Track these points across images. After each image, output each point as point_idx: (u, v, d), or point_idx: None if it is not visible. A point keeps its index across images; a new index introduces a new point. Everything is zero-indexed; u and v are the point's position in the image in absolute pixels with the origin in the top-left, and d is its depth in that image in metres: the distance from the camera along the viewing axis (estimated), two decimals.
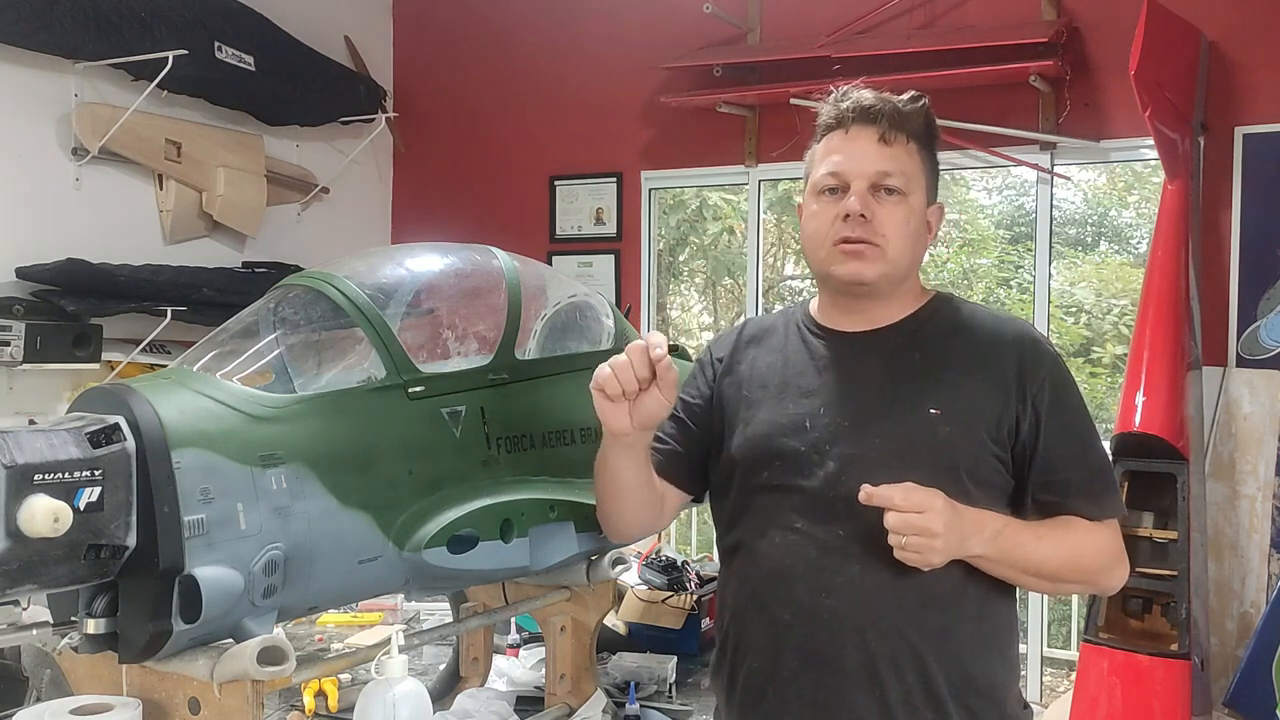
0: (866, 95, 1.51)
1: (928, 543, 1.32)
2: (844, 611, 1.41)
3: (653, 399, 1.42)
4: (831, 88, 1.56)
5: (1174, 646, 2.71)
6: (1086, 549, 1.46)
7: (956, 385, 1.45)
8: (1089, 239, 7.01)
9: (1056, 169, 3.56)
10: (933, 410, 1.42)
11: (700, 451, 1.61)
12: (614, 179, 4.27)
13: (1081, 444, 1.47)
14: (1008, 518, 1.42)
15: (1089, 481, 1.46)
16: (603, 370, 1.42)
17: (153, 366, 3.36)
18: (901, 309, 1.53)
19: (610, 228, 4.28)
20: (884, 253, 1.46)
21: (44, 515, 1.27)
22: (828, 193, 1.49)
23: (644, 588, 2.74)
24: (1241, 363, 3.19)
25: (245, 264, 3.96)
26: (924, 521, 1.31)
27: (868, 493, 1.34)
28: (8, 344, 3.06)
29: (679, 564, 2.78)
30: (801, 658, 1.43)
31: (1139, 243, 6.65)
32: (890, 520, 1.32)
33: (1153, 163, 3.79)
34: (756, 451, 1.51)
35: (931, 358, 1.48)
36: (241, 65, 3.71)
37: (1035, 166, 3.56)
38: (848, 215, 1.46)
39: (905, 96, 1.52)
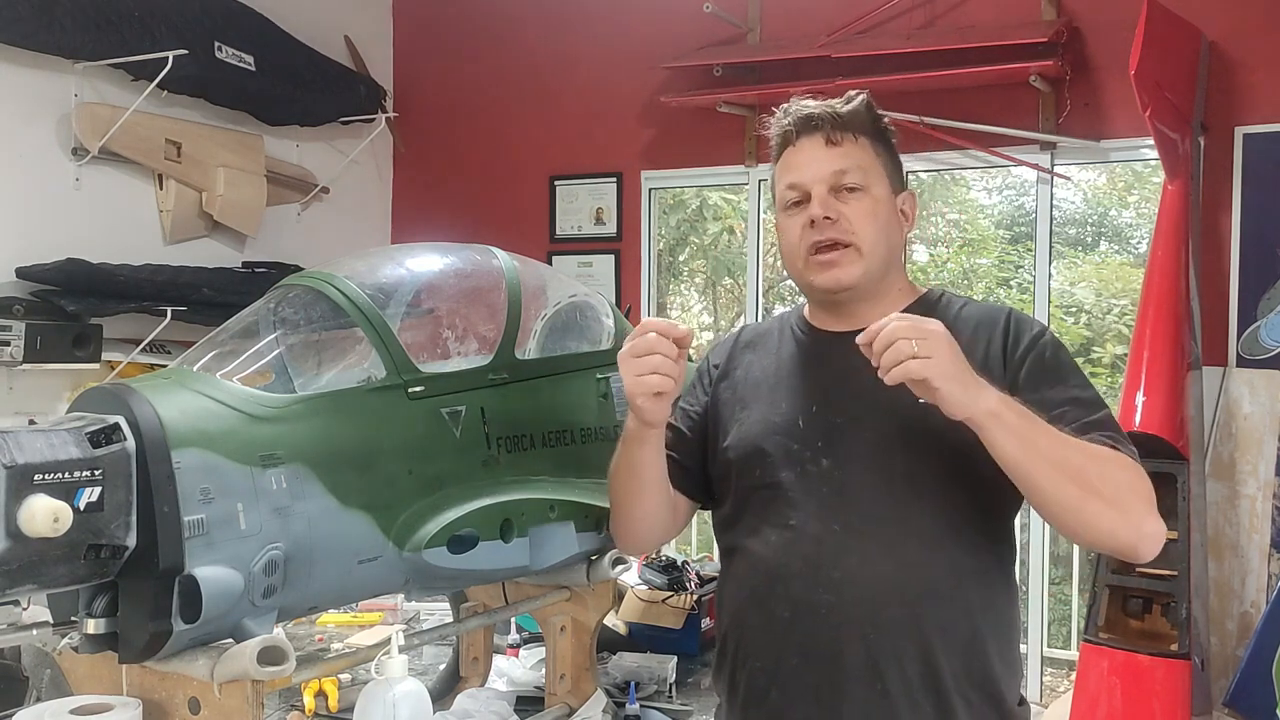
0: (806, 105, 1.54)
1: (934, 344, 1.26)
2: (843, 606, 1.41)
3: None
4: (774, 109, 1.58)
5: (1174, 646, 2.71)
6: (1119, 465, 1.34)
7: None
8: (1089, 239, 7.01)
9: (1056, 169, 3.56)
10: (923, 400, 1.42)
11: (702, 460, 1.61)
12: (614, 179, 4.27)
13: (1072, 390, 1.42)
14: None
15: (1094, 425, 1.39)
16: (649, 379, 1.38)
17: (153, 366, 3.36)
18: (889, 307, 1.52)
19: (610, 228, 4.28)
20: (858, 250, 1.48)
21: (44, 515, 1.27)
22: (793, 205, 1.52)
23: (644, 588, 2.74)
24: (1241, 363, 3.19)
25: (245, 264, 3.96)
26: (928, 329, 1.28)
27: (870, 331, 1.30)
28: (8, 344, 3.06)
29: (679, 564, 2.78)
30: (802, 654, 1.44)
31: (1139, 243, 6.65)
32: (893, 328, 1.28)
33: (1153, 163, 3.79)
34: (750, 450, 1.52)
35: None
36: (241, 65, 3.71)
37: (1035, 166, 3.56)
38: (813, 221, 1.47)
39: (842, 98, 1.54)
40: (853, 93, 1.54)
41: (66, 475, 1.31)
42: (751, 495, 1.51)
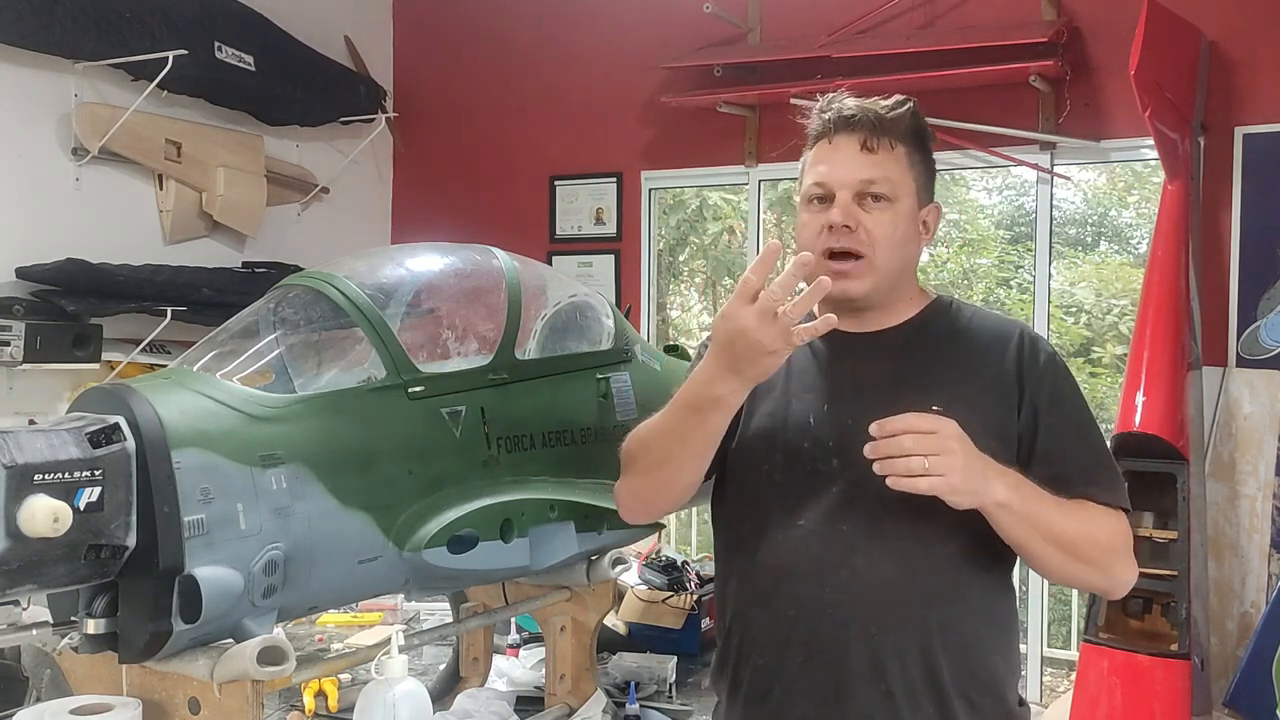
0: (849, 103, 1.50)
1: (948, 461, 1.26)
2: (849, 606, 1.41)
3: None
4: (817, 96, 1.55)
5: (1174, 646, 2.71)
6: (1103, 527, 1.42)
7: (958, 384, 1.46)
8: (1089, 239, 7.02)
9: (1056, 169, 3.56)
10: (935, 408, 1.42)
11: (728, 438, 1.54)
12: (614, 179, 4.27)
13: (1082, 439, 1.46)
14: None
15: (1093, 471, 1.45)
16: (797, 333, 1.28)
17: (153, 366, 3.36)
18: (901, 313, 1.53)
19: (610, 228, 4.28)
20: (870, 263, 1.46)
21: (44, 515, 1.27)
22: (816, 202, 1.50)
23: (644, 588, 2.74)
24: (1241, 363, 3.19)
25: (245, 264, 3.96)
26: (941, 437, 1.27)
27: (881, 426, 1.28)
28: (8, 344, 3.06)
29: (679, 564, 2.78)
30: (807, 654, 1.44)
31: (1139, 243, 6.65)
32: (906, 443, 1.27)
33: (1153, 163, 3.79)
34: (759, 448, 1.51)
35: (933, 359, 1.49)
36: (241, 65, 3.71)
37: (1035, 166, 3.56)
38: (832, 226, 1.46)
39: (890, 101, 1.51)
40: (901, 97, 1.51)
41: (66, 475, 1.31)
42: (758, 492, 1.51)
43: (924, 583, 1.41)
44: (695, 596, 2.67)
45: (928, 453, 1.27)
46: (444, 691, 2.20)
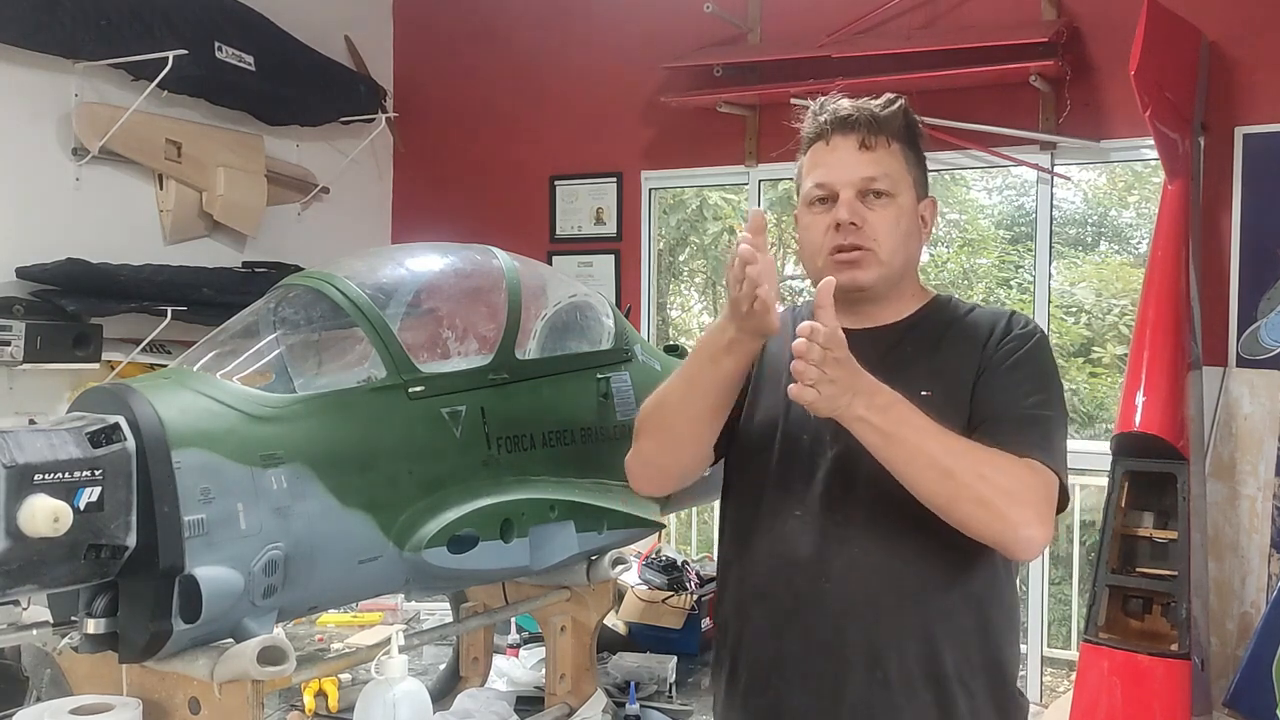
0: (844, 104, 1.53)
1: (823, 377, 1.28)
2: (845, 596, 1.43)
3: None
4: (808, 100, 1.57)
5: (1174, 646, 2.71)
6: (1003, 470, 1.35)
7: (944, 366, 1.48)
8: (1089, 239, 7.02)
9: (1056, 169, 3.56)
10: (924, 393, 1.44)
11: (732, 416, 1.56)
12: (614, 179, 4.27)
13: (1011, 395, 1.43)
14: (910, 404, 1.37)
15: (1011, 423, 1.41)
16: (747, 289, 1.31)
17: (153, 366, 3.36)
18: (901, 310, 1.55)
19: (610, 228, 4.28)
20: (877, 256, 1.49)
21: (44, 515, 1.27)
22: (818, 203, 1.52)
23: (644, 588, 2.74)
24: (1241, 363, 3.19)
25: (245, 264, 3.96)
26: (827, 359, 1.29)
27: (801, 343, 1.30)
28: (8, 344, 3.06)
29: (679, 564, 2.78)
30: (804, 643, 1.45)
31: (1139, 243, 6.66)
32: (810, 358, 1.29)
33: (1153, 163, 3.79)
34: (759, 440, 1.53)
35: (924, 347, 1.51)
36: (241, 65, 3.71)
37: (1035, 166, 3.56)
38: (839, 225, 1.48)
39: (881, 100, 1.53)
40: (891, 95, 1.54)
41: (67, 475, 1.31)
42: (758, 483, 1.52)
43: (921, 571, 1.42)
44: (695, 596, 2.67)
45: (817, 373, 1.28)
46: (444, 691, 2.19)
